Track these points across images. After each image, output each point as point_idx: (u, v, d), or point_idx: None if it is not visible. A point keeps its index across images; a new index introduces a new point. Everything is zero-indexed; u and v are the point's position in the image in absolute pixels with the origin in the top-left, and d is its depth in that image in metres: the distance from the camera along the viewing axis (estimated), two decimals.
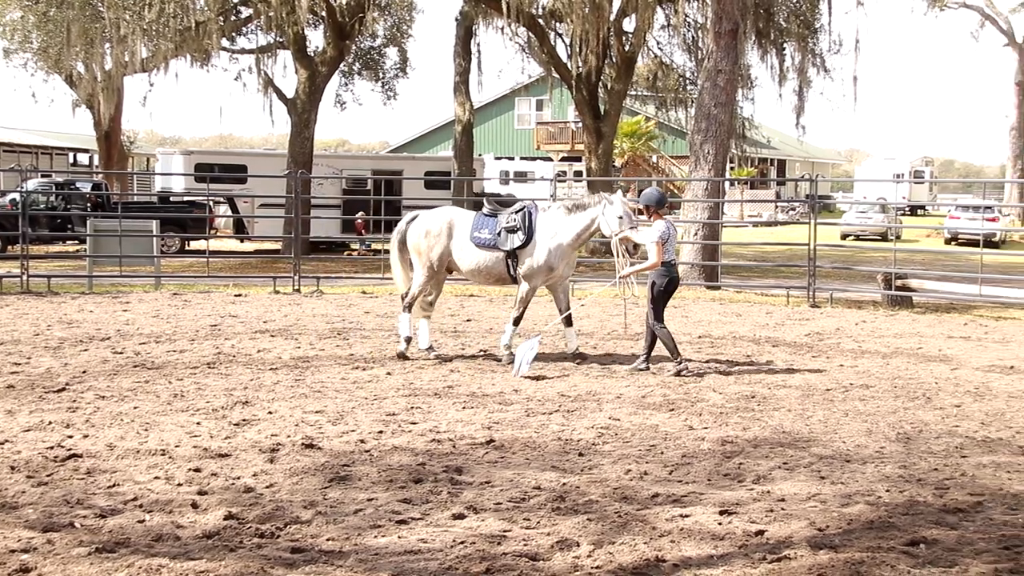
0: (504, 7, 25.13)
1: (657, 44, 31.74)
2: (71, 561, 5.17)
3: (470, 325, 14.37)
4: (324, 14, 27.99)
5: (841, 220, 40.45)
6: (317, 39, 31.29)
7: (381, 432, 8.07)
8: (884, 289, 17.81)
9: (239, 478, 6.73)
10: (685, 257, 19.52)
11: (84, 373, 10.29)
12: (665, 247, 10.76)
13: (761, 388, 10.15)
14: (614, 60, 29.72)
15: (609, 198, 11.07)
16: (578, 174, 45.87)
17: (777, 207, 51.25)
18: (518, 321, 11.55)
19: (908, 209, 55.98)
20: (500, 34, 29.58)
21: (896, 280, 17.64)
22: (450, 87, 29.83)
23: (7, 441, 7.56)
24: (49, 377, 10.06)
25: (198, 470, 6.87)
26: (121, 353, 11.54)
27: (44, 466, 6.91)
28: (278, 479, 6.73)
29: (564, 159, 54.24)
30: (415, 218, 11.89)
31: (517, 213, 11.36)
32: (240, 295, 17.66)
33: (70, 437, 7.71)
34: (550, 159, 55.31)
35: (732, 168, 48.21)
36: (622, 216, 10.91)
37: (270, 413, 8.67)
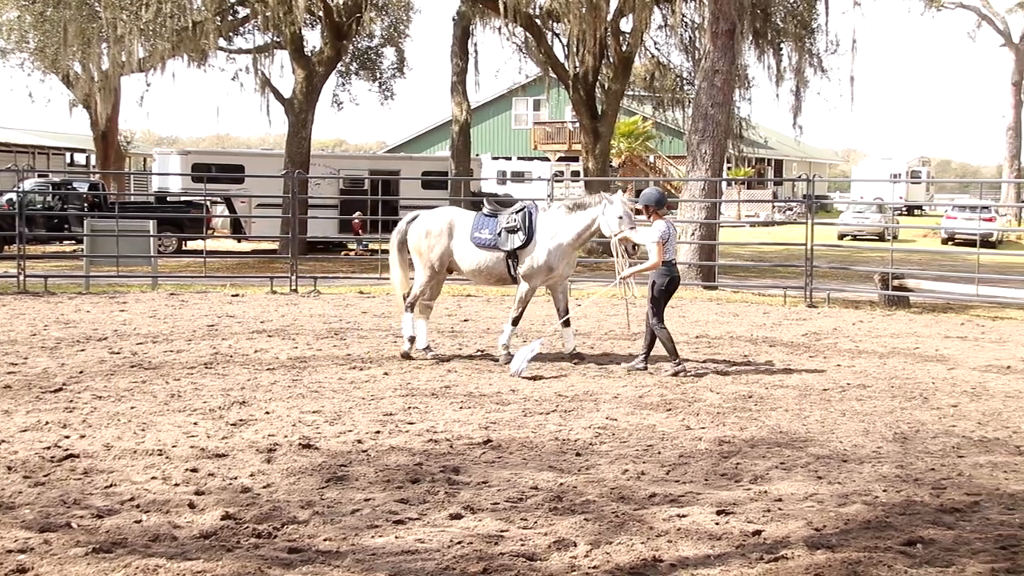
0: (501, 7, 25.12)
1: (654, 44, 31.82)
2: (68, 561, 5.17)
3: (467, 325, 14.37)
4: (321, 14, 27.98)
5: (838, 220, 40.51)
6: (314, 39, 31.28)
7: (378, 432, 8.07)
8: (881, 289, 17.84)
9: (236, 478, 6.73)
10: (682, 257, 19.48)
11: (81, 373, 10.29)
12: (665, 247, 10.76)
13: (758, 388, 10.15)
14: (611, 60, 29.74)
15: (610, 198, 11.04)
16: (575, 174, 45.84)
17: (774, 207, 51.28)
18: (517, 321, 11.54)
19: (905, 209, 56.01)
20: (497, 34, 29.61)
21: (893, 280, 17.66)
22: (447, 87, 29.88)
23: (4, 441, 7.55)
24: (46, 377, 10.05)
25: (195, 470, 6.87)
26: (118, 353, 11.53)
27: (41, 466, 6.91)
28: (275, 479, 6.73)
29: (561, 159, 54.21)
30: (415, 218, 11.86)
31: (517, 213, 11.33)
32: (237, 295, 17.65)
33: (67, 437, 7.70)
34: (547, 159, 55.28)
35: (729, 168, 48.31)
36: (622, 216, 10.88)
37: (267, 413, 8.67)
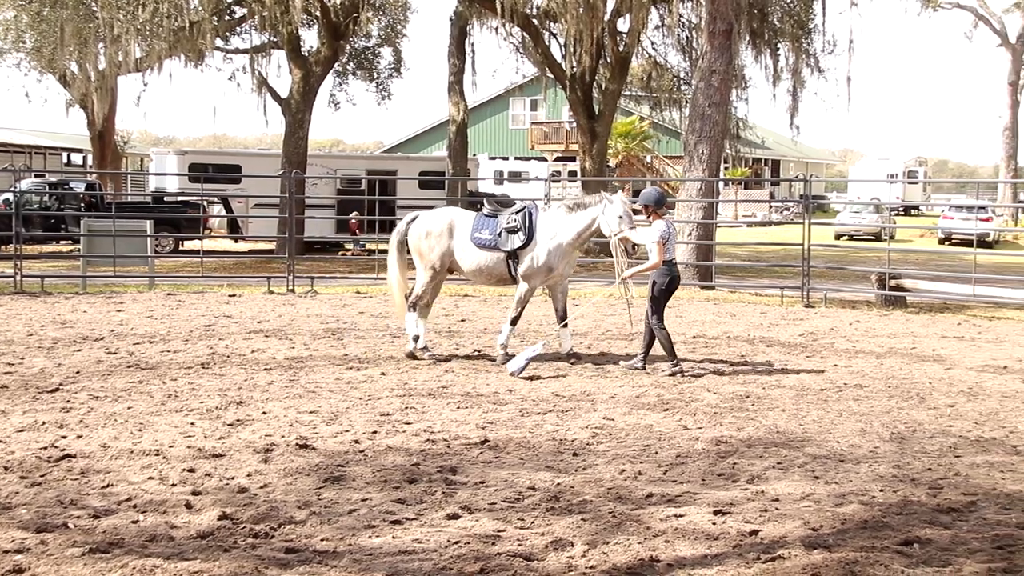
0: (498, 7, 25.10)
1: (651, 44, 31.81)
2: (65, 562, 5.16)
3: (464, 325, 14.36)
4: (318, 14, 27.95)
5: (835, 220, 40.55)
6: (311, 39, 31.31)
7: (375, 432, 8.07)
8: (878, 289, 17.85)
9: (233, 478, 6.73)
10: (680, 257, 19.43)
11: (78, 373, 10.27)
12: (666, 246, 10.76)
13: (755, 388, 10.16)
14: (608, 60, 29.73)
15: (610, 197, 11.01)
16: (572, 174, 45.90)
17: (771, 207, 51.30)
18: (515, 321, 11.52)
19: (902, 209, 56.10)
20: (494, 34, 29.64)
21: (890, 280, 17.68)
22: (444, 87, 29.82)
23: (0, 441, 7.54)
24: (43, 377, 10.04)
25: (192, 470, 6.86)
26: (115, 353, 11.52)
27: (38, 466, 6.90)
28: (272, 479, 6.73)
29: (558, 159, 54.21)
30: (415, 219, 11.85)
31: (518, 214, 11.31)
32: (234, 295, 17.64)
33: (64, 437, 7.69)
34: (544, 159, 55.29)
35: (726, 168, 48.44)
36: (622, 216, 10.86)
37: (264, 413, 8.67)
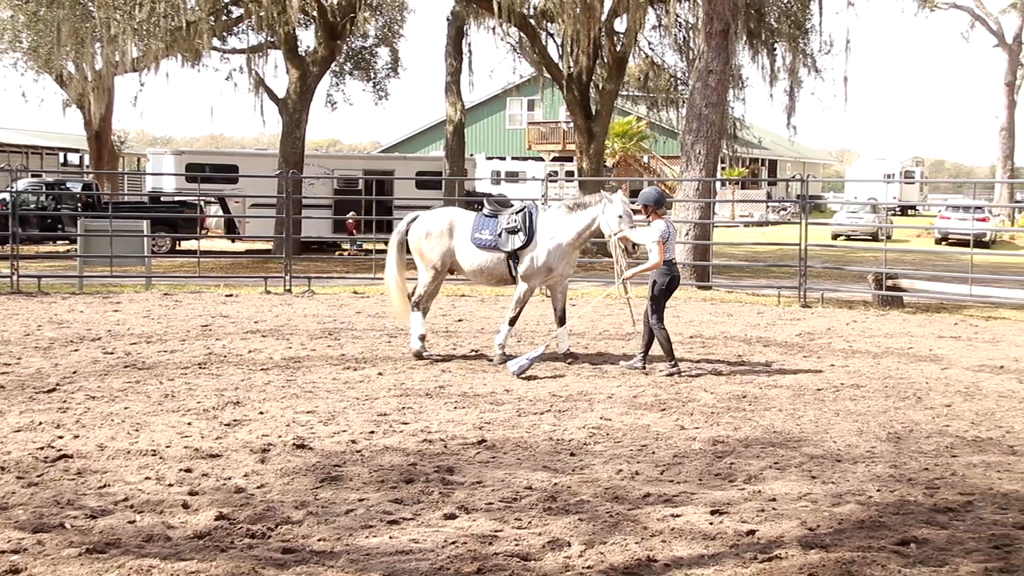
0: (495, 7, 25.10)
1: (648, 44, 31.83)
2: (61, 562, 5.16)
3: (461, 325, 14.36)
4: (315, 14, 27.94)
5: (832, 220, 40.58)
6: (308, 39, 31.37)
7: (372, 432, 8.07)
8: (875, 289, 17.86)
9: (230, 478, 6.72)
10: (677, 257, 19.52)
11: (75, 373, 10.26)
12: (666, 246, 10.76)
13: (752, 388, 10.16)
14: (605, 60, 29.75)
15: (609, 197, 11.00)
16: (569, 174, 45.88)
17: (768, 207, 51.33)
18: (514, 321, 11.51)
19: (899, 209, 56.14)
20: (491, 34, 29.66)
21: (887, 280, 17.70)
22: (441, 87, 29.85)
23: None
24: (39, 377, 10.03)
25: (189, 470, 6.86)
26: (112, 353, 11.51)
27: (34, 467, 6.89)
28: (269, 479, 6.73)
29: (555, 159, 54.26)
30: (416, 219, 11.84)
31: (518, 214, 11.29)
32: (231, 295, 17.63)
33: (60, 438, 7.68)
34: (541, 159, 55.32)
35: (723, 168, 48.42)
36: (622, 215, 10.86)
37: (261, 413, 8.66)
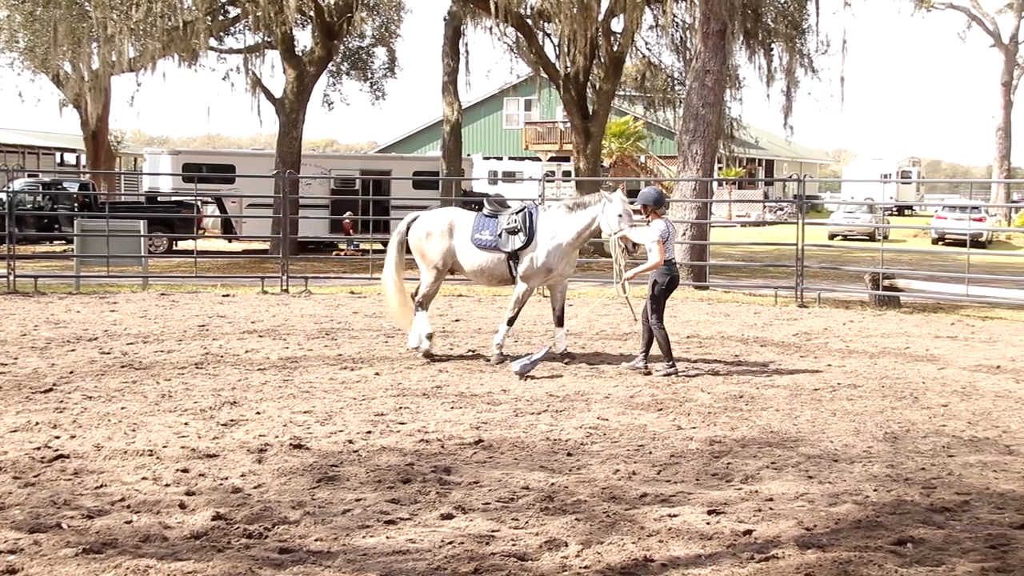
0: (492, 7, 25.11)
1: (645, 44, 31.85)
2: (58, 562, 5.15)
3: (459, 325, 14.36)
4: (312, 14, 27.93)
5: (829, 220, 40.61)
6: (305, 39, 31.24)
7: (369, 432, 8.07)
8: (872, 289, 17.87)
9: (227, 479, 6.72)
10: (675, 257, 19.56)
11: (71, 373, 10.25)
12: (665, 246, 10.76)
13: (749, 388, 10.17)
14: (602, 60, 29.75)
15: (609, 196, 10.99)
16: (566, 174, 45.88)
17: (765, 207, 51.39)
18: (512, 322, 11.51)
19: (895, 209, 56.19)
20: (488, 34, 29.64)
21: (884, 280, 17.70)
22: (438, 87, 29.84)
23: None
24: (36, 377, 10.01)
25: (186, 471, 6.85)
26: (108, 353, 11.50)
27: (31, 467, 6.88)
28: (266, 479, 6.72)
29: (552, 159, 54.25)
30: (416, 219, 11.83)
31: (518, 214, 11.29)
32: (228, 295, 17.61)
33: (57, 438, 7.68)
34: (538, 159, 55.31)
35: (720, 168, 48.45)
36: (621, 215, 10.85)
37: (258, 413, 8.66)
